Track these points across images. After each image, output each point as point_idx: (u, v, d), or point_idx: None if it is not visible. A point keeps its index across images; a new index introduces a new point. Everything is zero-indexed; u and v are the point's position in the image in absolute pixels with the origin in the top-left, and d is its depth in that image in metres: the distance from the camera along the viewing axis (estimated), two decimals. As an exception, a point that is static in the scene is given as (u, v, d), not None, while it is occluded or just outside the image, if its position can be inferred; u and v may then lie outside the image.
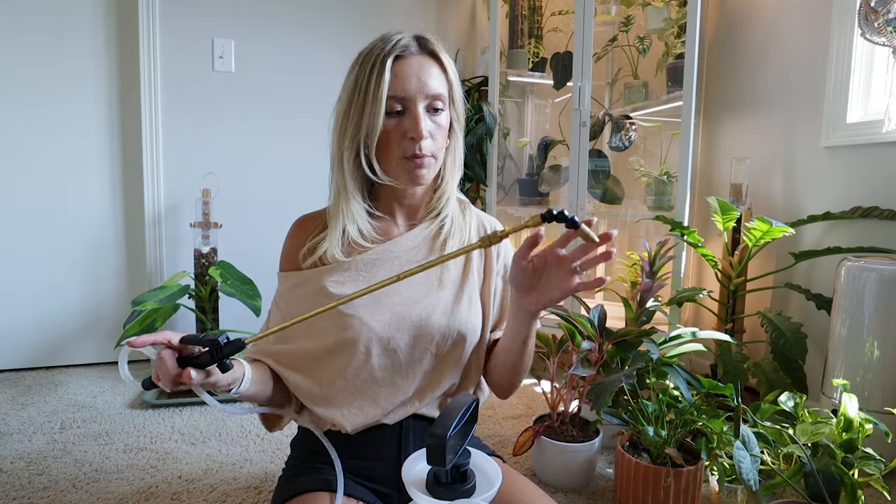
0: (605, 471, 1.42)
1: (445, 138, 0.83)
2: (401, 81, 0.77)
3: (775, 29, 1.87)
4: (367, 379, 0.82)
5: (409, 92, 0.77)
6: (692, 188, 1.95)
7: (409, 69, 0.78)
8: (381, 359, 0.81)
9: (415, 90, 0.77)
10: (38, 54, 2.05)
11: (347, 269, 0.82)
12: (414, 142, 0.77)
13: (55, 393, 1.91)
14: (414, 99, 0.77)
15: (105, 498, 1.25)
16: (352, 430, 0.83)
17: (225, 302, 2.09)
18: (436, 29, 2.50)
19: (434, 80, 0.79)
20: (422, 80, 0.78)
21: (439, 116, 0.80)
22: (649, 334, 1.31)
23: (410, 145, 0.78)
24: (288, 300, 0.86)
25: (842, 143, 1.63)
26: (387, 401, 0.82)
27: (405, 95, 0.77)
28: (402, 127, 0.78)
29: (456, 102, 0.84)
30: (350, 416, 0.82)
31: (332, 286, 0.81)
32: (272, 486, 1.30)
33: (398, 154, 0.79)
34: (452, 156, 0.87)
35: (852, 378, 1.35)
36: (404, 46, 0.78)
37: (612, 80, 2.34)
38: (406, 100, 0.77)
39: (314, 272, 0.84)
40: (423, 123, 0.77)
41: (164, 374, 0.63)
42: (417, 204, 0.88)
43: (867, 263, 1.35)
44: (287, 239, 0.89)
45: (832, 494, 0.99)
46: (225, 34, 2.21)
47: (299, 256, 0.86)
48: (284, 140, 2.32)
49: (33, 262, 2.13)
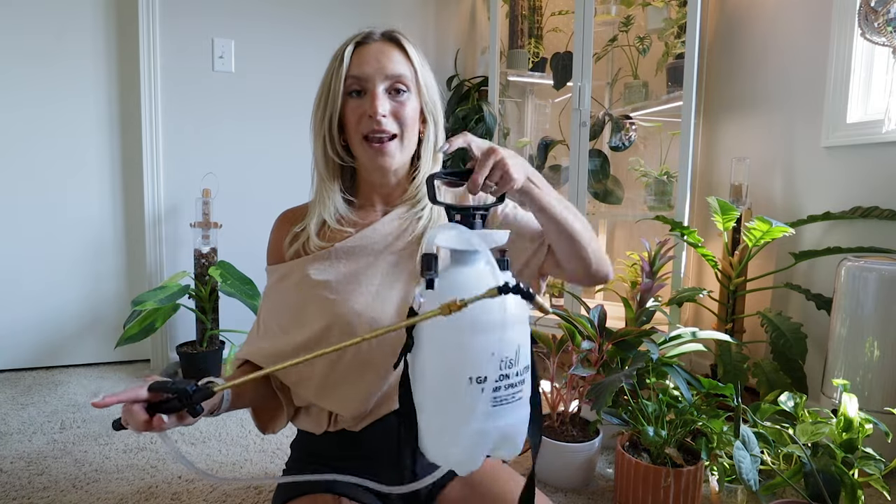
0: (605, 471, 1.42)
1: (416, 124, 0.85)
2: (360, 63, 0.81)
3: (775, 29, 1.87)
4: (358, 361, 0.81)
5: (367, 72, 0.81)
6: (692, 188, 1.95)
7: (369, 53, 0.82)
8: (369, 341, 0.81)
9: (373, 70, 0.81)
10: (38, 54, 2.05)
11: (328, 258, 0.85)
12: (372, 119, 0.80)
13: (55, 393, 1.91)
14: (372, 78, 0.81)
15: (105, 498, 1.25)
16: (351, 417, 0.82)
17: (225, 302, 2.09)
18: (436, 29, 2.51)
19: (394, 62, 0.82)
20: (380, 62, 0.81)
21: (402, 97, 0.82)
22: (649, 334, 1.31)
23: (368, 123, 0.81)
24: (275, 292, 0.89)
25: (842, 143, 1.63)
26: (380, 379, 0.82)
27: (362, 75, 0.81)
28: (361, 107, 0.82)
29: (424, 90, 0.85)
30: (348, 402, 0.81)
31: (314, 274, 0.83)
32: (272, 486, 1.30)
33: (359, 134, 0.82)
34: (428, 146, 0.88)
35: (852, 378, 1.35)
36: (366, 34, 0.83)
37: (612, 80, 2.34)
38: (364, 79, 0.81)
39: (297, 262, 0.86)
40: (380, 100, 0.80)
41: (135, 423, 0.63)
42: (393, 191, 0.90)
43: (867, 263, 1.35)
44: (271, 233, 0.93)
45: (832, 494, 0.99)
46: (225, 34, 2.22)
47: (283, 248, 0.89)
48: (284, 140, 2.32)
49: (33, 262, 2.13)
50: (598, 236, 2.53)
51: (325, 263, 0.84)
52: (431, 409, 0.60)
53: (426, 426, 0.60)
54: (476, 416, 0.56)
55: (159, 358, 2.23)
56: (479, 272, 0.59)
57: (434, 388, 0.59)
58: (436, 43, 2.53)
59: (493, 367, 0.55)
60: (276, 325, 0.87)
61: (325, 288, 0.82)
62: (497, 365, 0.55)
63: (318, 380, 0.82)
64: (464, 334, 0.55)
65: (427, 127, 0.87)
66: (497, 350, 0.56)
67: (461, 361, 0.56)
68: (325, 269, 0.84)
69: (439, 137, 0.89)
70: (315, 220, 0.86)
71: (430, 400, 0.59)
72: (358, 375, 0.81)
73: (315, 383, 0.82)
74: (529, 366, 0.59)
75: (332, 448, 0.86)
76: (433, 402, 0.59)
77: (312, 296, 0.83)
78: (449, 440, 0.59)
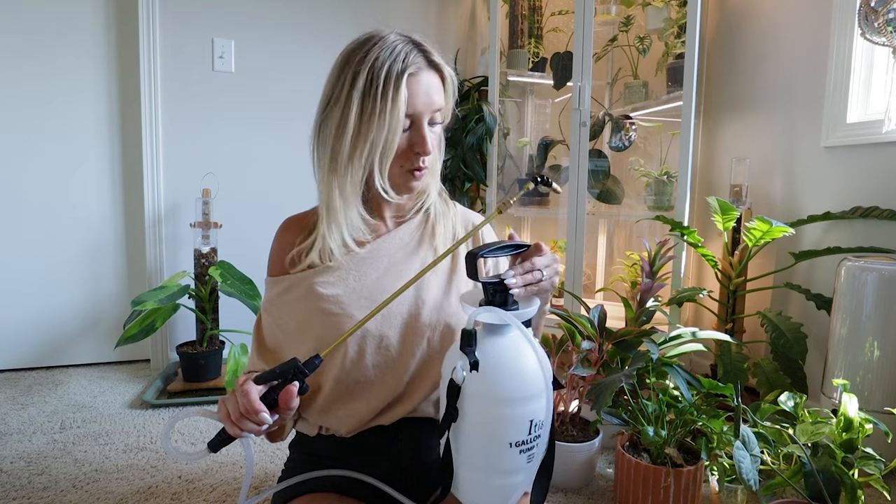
0: (605, 471, 1.42)
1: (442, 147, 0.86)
2: (413, 99, 0.77)
3: (775, 29, 1.87)
4: (360, 378, 0.81)
5: (419, 108, 0.78)
6: (692, 188, 1.95)
7: (419, 87, 0.78)
8: (374, 357, 0.81)
9: (423, 107, 0.78)
10: (38, 54, 2.05)
11: (336, 270, 0.82)
12: (419, 156, 0.80)
13: (55, 393, 1.91)
14: (422, 115, 0.78)
15: (105, 498, 1.25)
16: (346, 433, 0.82)
17: (225, 302, 2.09)
18: (436, 29, 2.50)
19: (438, 95, 0.80)
20: (430, 97, 0.79)
21: (437, 128, 0.82)
22: (649, 334, 1.31)
23: (416, 159, 0.80)
24: (278, 305, 0.85)
25: (842, 143, 1.63)
26: (379, 399, 0.82)
27: (414, 112, 0.78)
28: (409, 141, 0.79)
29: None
30: (345, 419, 0.82)
31: (321, 286, 0.81)
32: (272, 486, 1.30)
33: (402, 166, 0.81)
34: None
35: (852, 378, 1.35)
36: (416, 64, 0.78)
37: (612, 80, 2.34)
38: (415, 115, 0.79)
39: (303, 275, 0.83)
40: (428, 138, 0.79)
41: (257, 421, 0.63)
42: (404, 204, 0.89)
43: (867, 263, 1.35)
44: (274, 243, 0.89)
45: (832, 494, 0.99)
46: (225, 34, 2.21)
47: (286, 261, 0.85)
48: (284, 140, 2.32)
49: (33, 262, 2.13)
50: (598, 236, 2.53)
51: (334, 275, 0.82)
52: (470, 466, 0.64)
53: (464, 478, 0.65)
54: (513, 473, 0.63)
55: (159, 358, 2.23)
56: (513, 341, 0.65)
57: (475, 451, 0.64)
58: (436, 43, 2.53)
59: (529, 430, 0.62)
60: (279, 340, 0.85)
61: (332, 302, 0.80)
62: (531, 428, 0.62)
63: (321, 402, 0.82)
64: (505, 407, 0.61)
65: None
66: (534, 417, 0.62)
67: (504, 431, 0.62)
68: (333, 282, 0.81)
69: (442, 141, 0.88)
70: (333, 241, 0.82)
71: (470, 459, 0.64)
72: (361, 397, 0.81)
73: (318, 406, 0.83)
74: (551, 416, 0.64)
75: (329, 448, 0.86)
76: (473, 461, 0.64)
77: (318, 309, 0.80)
78: (485, 490, 0.65)
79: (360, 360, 0.80)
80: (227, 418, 0.65)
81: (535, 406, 0.62)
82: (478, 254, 0.64)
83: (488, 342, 0.64)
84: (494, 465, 0.63)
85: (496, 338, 0.64)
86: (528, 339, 0.62)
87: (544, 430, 0.63)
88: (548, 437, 0.65)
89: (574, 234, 2.01)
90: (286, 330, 0.84)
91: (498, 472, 0.63)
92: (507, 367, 0.62)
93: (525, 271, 0.66)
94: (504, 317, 0.61)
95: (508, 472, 0.63)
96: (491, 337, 0.64)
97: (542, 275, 0.67)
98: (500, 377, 0.61)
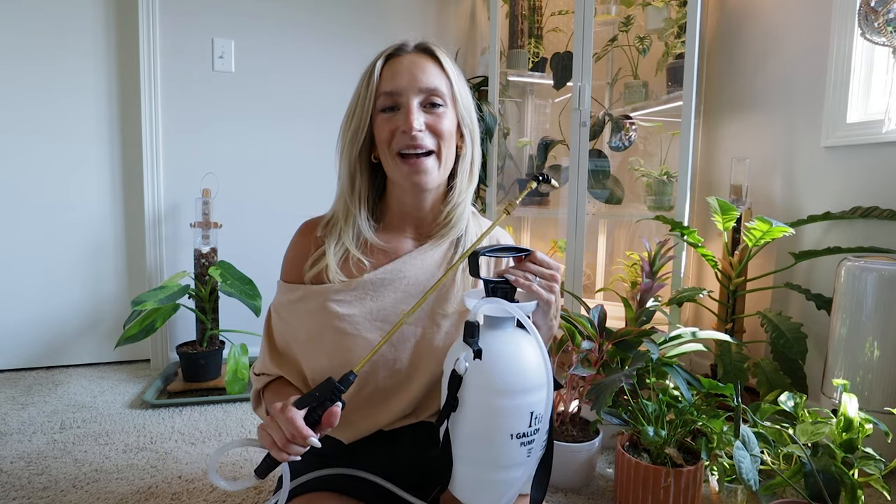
0: (605, 471, 1.42)
1: (453, 140, 0.81)
2: (392, 76, 0.76)
3: (775, 29, 1.87)
4: (369, 396, 0.80)
5: (400, 85, 0.76)
6: (692, 188, 1.95)
7: (401, 65, 0.77)
8: (385, 378, 0.80)
9: (406, 84, 0.76)
10: (38, 55, 2.05)
11: (354, 289, 0.79)
12: (406, 135, 0.76)
13: (55, 393, 1.91)
14: (405, 92, 0.76)
15: (105, 498, 1.25)
16: (347, 442, 0.82)
17: (225, 302, 2.09)
18: (436, 29, 2.50)
19: (428, 75, 0.77)
20: (413, 74, 0.76)
21: (438, 111, 0.78)
22: (649, 334, 1.31)
23: (402, 138, 0.76)
24: (291, 312, 0.83)
25: (842, 143, 1.63)
26: (386, 417, 0.81)
27: (394, 89, 0.76)
28: (394, 122, 0.77)
29: (460, 104, 0.81)
30: (348, 432, 0.81)
31: (336, 305, 0.78)
32: (272, 486, 1.30)
33: (393, 151, 0.77)
34: (464, 164, 0.83)
35: (852, 378, 1.35)
36: (398, 46, 0.78)
37: (612, 80, 2.34)
38: (397, 94, 0.76)
39: (319, 289, 0.80)
40: (414, 115, 0.75)
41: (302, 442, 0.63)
42: (426, 216, 0.84)
43: (867, 263, 1.35)
44: (291, 247, 0.86)
45: (832, 494, 0.99)
46: (225, 34, 2.21)
47: (303, 267, 0.83)
48: (284, 140, 2.32)
49: (33, 262, 2.13)
50: (598, 236, 2.52)
51: (352, 294, 0.79)
52: (469, 460, 0.65)
53: (462, 474, 0.66)
54: (512, 467, 0.64)
55: (159, 358, 2.23)
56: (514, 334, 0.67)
57: (475, 443, 0.64)
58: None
59: (529, 423, 0.63)
60: (291, 342, 0.84)
61: (347, 321, 0.78)
62: (531, 420, 0.63)
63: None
64: (506, 397, 0.62)
65: (464, 142, 0.82)
66: (535, 409, 0.63)
67: (505, 422, 0.62)
68: (349, 301, 0.79)
69: (476, 154, 0.84)
70: (340, 248, 0.80)
71: (470, 452, 0.65)
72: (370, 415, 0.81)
73: None
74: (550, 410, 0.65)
75: (329, 448, 0.86)
76: (473, 454, 0.65)
77: (331, 327, 0.78)
78: (483, 486, 0.65)
79: (370, 380, 0.79)
80: (272, 445, 0.64)
81: (536, 398, 0.63)
82: (480, 252, 0.67)
83: (490, 335, 0.65)
84: (494, 457, 0.63)
85: (498, 331, 0.66)
86: (530, 328, 0.63)
87: (543, 423, 0.64)
88: (547, 433, 0.65)
89: (574, 234, 2.01)
90: (296, 338, 0.83)
91: (497, 465, 0.64)
92: (509, 359, 0.63)
93: (524, 271, 0.69)
94: (507, 307, 0.63)
95: (508, 465, 0.64)
96: (493, 330, 0.66)
97: (536, 279, 0.69)
98: (501, 368, 0.63)
